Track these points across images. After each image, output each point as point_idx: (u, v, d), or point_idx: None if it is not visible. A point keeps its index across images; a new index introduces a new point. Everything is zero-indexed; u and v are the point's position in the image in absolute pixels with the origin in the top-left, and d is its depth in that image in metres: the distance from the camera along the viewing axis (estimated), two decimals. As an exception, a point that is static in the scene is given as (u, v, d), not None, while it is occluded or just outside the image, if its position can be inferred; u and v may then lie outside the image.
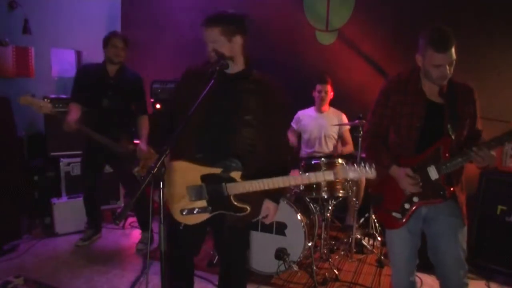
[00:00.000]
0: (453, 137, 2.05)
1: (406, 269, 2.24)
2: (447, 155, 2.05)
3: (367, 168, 1.81)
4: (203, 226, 2.10)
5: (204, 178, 1.97)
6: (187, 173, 2.00)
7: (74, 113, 3.41)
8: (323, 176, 1.91)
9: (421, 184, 2.09)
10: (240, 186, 1.93)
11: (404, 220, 2.15)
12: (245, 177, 1.94)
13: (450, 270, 2.11)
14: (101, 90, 3.50)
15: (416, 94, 2.12)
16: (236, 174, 1.94)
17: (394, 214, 2.16)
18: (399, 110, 2.14)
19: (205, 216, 2.01)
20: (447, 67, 1.98)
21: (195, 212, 2.01)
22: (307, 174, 1.91)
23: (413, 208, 2.13)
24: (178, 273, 2.20)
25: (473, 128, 2.15)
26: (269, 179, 1.89)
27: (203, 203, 1.99)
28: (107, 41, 3.46)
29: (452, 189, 2.08)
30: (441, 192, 2.07)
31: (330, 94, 4.02)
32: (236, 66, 2.04)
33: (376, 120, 2.25)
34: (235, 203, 1.96)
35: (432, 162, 2.07)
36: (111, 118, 3.51)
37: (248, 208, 1.96)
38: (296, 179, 1.90)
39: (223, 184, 1.94)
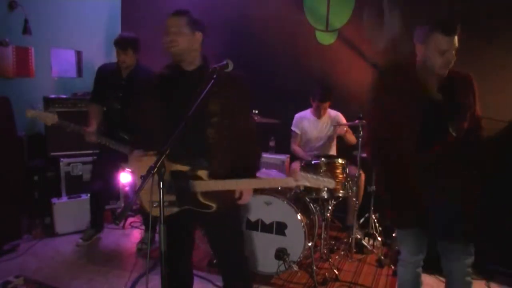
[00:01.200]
0: (454, 134, 2.04)
1: (414, 260, 2.28)
2: (450, 154, 2.04)
3: (326, 179, 1.86)
4: (187, 226, 2.17)
5: (172, 174, 2.03)
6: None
7: (93, 122, 3.46)
8: (287, 182, 1.95)
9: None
10: (205, 184, 2.00)
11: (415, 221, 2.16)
12: (211, 176, 2.00)
13: (456, 257, 2.16)
14: (113, 91, 3.51)
15: (413, 93, 2.08)
16: (202, 173, 2.01)
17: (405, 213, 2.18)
18: (397, 111, 2.11)
19: (174, 209, 2.06)
20: (452, 53, 1.98)
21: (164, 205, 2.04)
22: (271, 177, 1.96)
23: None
24: (171, 275, 2.20)
25: (472, 116, 2.12)
26: (233, 180, 1.98)
27: (172, 197, 2.05)
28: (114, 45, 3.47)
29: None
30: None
31: (328, 106, 4.01)
32: (194, 62, 2.12)
33: (375, 125, 2.24)
34: (201, 199, 2.02)
35: (436, 163, 2.05)
36: (122, 120, 3.50)
37: (214, 205, 2.02)
38: (260, 182, 1.97)
39: (190, 181, 2.01)
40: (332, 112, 4.11)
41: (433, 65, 2.02)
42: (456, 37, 1.98)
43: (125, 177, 4.17)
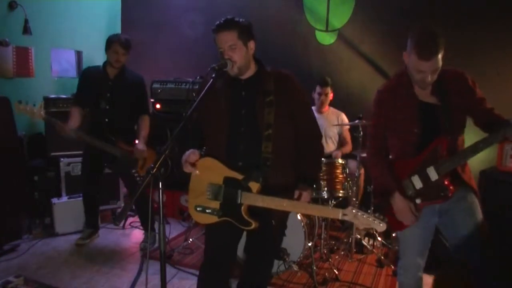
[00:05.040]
0: (449, 135, 2.03)
1: (416, 263, 2.23)
2: (444, 154, 2.03)
3: (377, 220, 1.75)
4: (234, 231, 2.09)
5: (226, 180, 1.98)
6: (212, 171, 2.02)
7: (73, 120, 3.46)
8: (334, 214, 1.84)
9: (422, 186, 2.09)
10: (253, 198, 1.92)
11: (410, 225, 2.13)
12: (263, 190, 1.93)
13: (469, 245, 2.10)
14: (100, 92, 3.51)
15: (408, 98, 2.08)
16: (253, 185, 1.93)
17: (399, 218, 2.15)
18: (393, 117, 2.12)
19: (213, 219, 2.01)
20: (429, 75, 1.93)
21: (207, 211, 2.02)
22: (317, 206, 1.90)
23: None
24: (209, 276, 2.17)
25: (481, 111, 2.07)
26: (281, 200, 1.89)
27: (216, 204, 2.00)
28: (109, 45, 3.42)
29: (452, 188, 2.06)
30: (442, 194, 2.06)
31: (330, 96, 4.02)
32: (249, 71, 2.04)
33: (376, 133, 2.23)
34: (243, 214, 1.95)
35: (431, 163, 2.05)
36: (109, 120, 3.52)
37: (254, 224, 1.95)
38: (305, 207, 1.91)
39: (239, 191, 1.94)
40: (335, 111, 4.11)
41: (413, 78, 2.01)
42: (437, 58, 1.88)
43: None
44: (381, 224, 1.76)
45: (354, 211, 1.77)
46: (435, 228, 2.22)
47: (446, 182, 2.06)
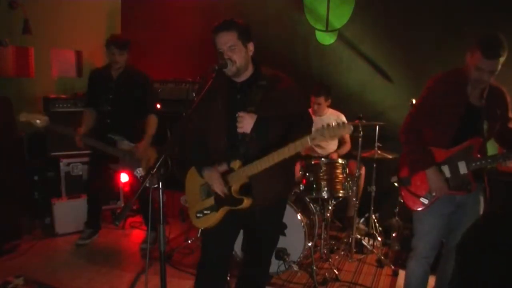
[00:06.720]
0: (483, 138, 2.22)
1: (429, 255, 2.37)
2: (477, 153, 2.21)
3: (342, 127, 1.70)
4: (230, 230, 2.13)
5: None
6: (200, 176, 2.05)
7: (85, 125, 3.51)
8: (302, 143, 1.75)
9: (450, 176, 2.25)
10: (238, 175, 1.94)
11: (428, 206, 2.30)
12: (247, 163, 1.93)
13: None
14: (103, 93, 3.53)
15: (460, 96, 2.22)
16: (235, 164, 1.95)
17: (422, 199, 2.32)
18: (440, 107, 2.24)
19: (215, 215, 2.02)
20: (487, 74, 2.09)
21: (205, 212, 2.05)
22: (286, 146, 1.79)
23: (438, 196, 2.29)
24: (206, 276, 2.17)
25: (505, 127, 2.29)
26: (258, 160, 1.86)
27: (211, 200, 2.03)
28: (106, 46, 3.46)
29: (475, 184, 2.24)
30: (468, 187, 2.25)
31: (326, 103, 3.98)
32: (246, 73, 2.04)
33: (418, 114, 2.35)
34: (234, 195, 1.97)
35: (462, 158, 2.21)
36: (111, 121, 3.52)
37: (244, 199, 1.95)
38: (278, 154, 1.81)
39: (225, 176, 1.97)
40: (334, 112, 4.10)
41: (470, 76, 2.15)
42: (498, 60, 2.05)
43: (124, 177, 4.17)
44: (345, 127, 1.70)
45: (319, 131, 1.71)
46: (448, 220, 2.35)
47: (470, 178, 2.24)
